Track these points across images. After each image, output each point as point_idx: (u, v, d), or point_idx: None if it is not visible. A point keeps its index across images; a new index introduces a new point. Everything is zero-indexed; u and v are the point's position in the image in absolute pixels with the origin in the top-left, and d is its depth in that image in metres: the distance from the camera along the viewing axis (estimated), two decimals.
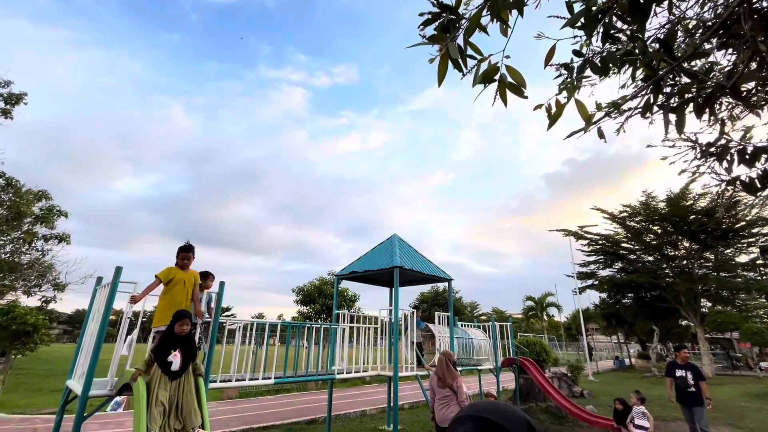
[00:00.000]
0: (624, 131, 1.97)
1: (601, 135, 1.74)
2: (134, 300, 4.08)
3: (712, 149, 2.14)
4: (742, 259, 23.63)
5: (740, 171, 2.07)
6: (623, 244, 26.34)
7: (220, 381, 4.80)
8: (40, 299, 14.38)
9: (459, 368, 7.28)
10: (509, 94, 1.50)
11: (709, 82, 1.68)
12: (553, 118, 1.61)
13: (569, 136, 1.67)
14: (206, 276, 4.83)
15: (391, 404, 7.32)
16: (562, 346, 40.61)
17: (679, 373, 7.04)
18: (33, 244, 13.66)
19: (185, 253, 4.43)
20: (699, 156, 2.20)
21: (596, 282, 27.63)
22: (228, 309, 44.37)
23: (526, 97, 1.50)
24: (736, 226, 22.10)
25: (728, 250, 23.74)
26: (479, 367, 9.05)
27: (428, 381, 6.03)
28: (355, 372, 6.50)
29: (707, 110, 1.60)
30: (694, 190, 22.83)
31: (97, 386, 3.77)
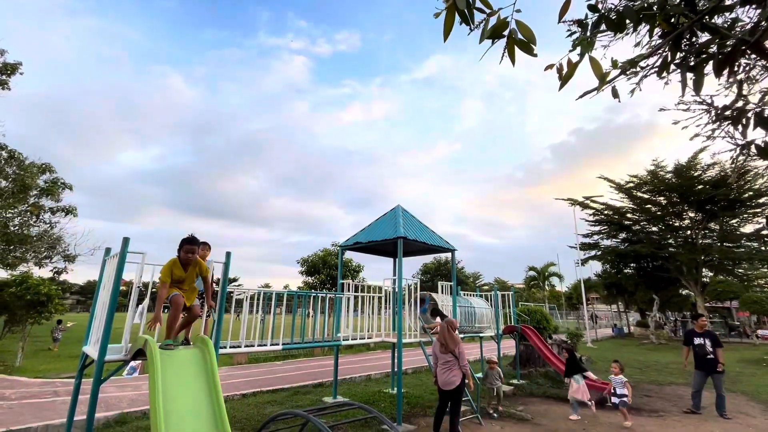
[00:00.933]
0: (640, 89, 1.90)
1: (615, 94, 1.67)
2: (156, 321, 3.79)
3: (728, 112, 2.07)
4: (747, 229, 23.60)
5: (755, 135, 2.01)
6: (628, 215, 26.28)
7: (230, 347, 4.97)
8: (51, 270, 14.71)
9: (461, 335, 7.47)
10: (518, 53, 1.44)
11: (730, 40, 1.59)
12: (564, 78, 1.54)
13: (582, 96, 1.60)
14: (202, 246, 4.73)
15: (395, 369, 7.58)
16: (562, 315, 41.41)
17: (697, 341, 7.14)
18: (40, 217, 13.80)
19: (190, 245, 4.00)
20: (713, 119, 2.13)
21: (599, 252, 27.81)
22: (235, 280, 45.27)
23: (535, 55, 1.43)
24: (743, 196, 21.93)
25: (733, 221, 23.67)
26: (481, 335, 9.28)
27: (431, 347, 6.21)
28: (360, 339, 6.69)
29: (727, 69, 1.53)
30: (703, 160, 22.53)
31: (112, 352, 3.92)
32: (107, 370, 3.91)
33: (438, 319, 7.86)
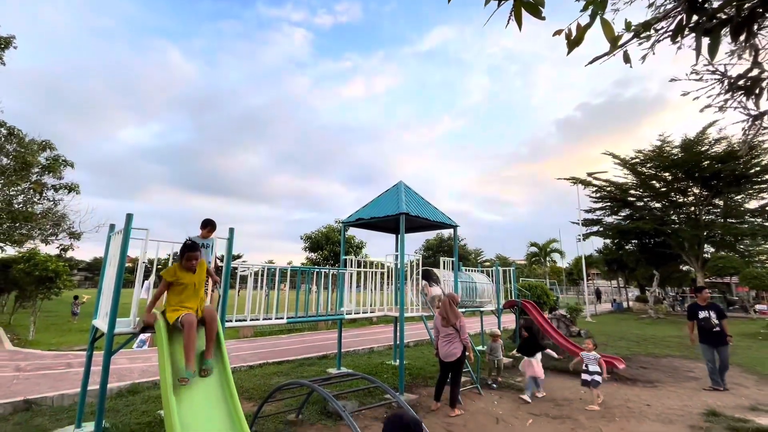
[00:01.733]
0: (653, 53, 1.82)
1: (627, 59, 1.61)
2: (150, 318, 3.77)
3: (741, 82, 2.00)
4: (752, 205, 23.46)
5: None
6: (632, 192, 26.12)
7: (236, 320, 5.07)
8: (58, 248, 14.92)
9: (461, 310, 7.59)
10: (525, 17, 1.37)
11: (747, 3, 1.52)
12: (573, 43, 1.48)
13: (592, 62, 1.55)
14: (205, 225, 4.68)
15: (397, 342, 7.76)
16: (562, 290, 41.91)
17: (702, 314, 7.01)
18: (43, 194, 13.84)
19: (191, 252, 3.78)
20: (726, 90, 2.06)
21: (601, 229, 27.83)
22: (239, 257, 45.78)
23: (543, 18, 1.37)
24: (750, 171, 21.70)
25: (738, 197, 23.50)
26: (481, 309, 9.43)
27: (432, 321, 6.33)
28: (363, 313, 6.81)
29: (744, 33, 1.46)
30: (711, 135, 22.15)
31: (120, 325, 4.01)
32: (117, 342, 4.02)
33: (435, 288, 7.94)
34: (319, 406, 5.52)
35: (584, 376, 5.99)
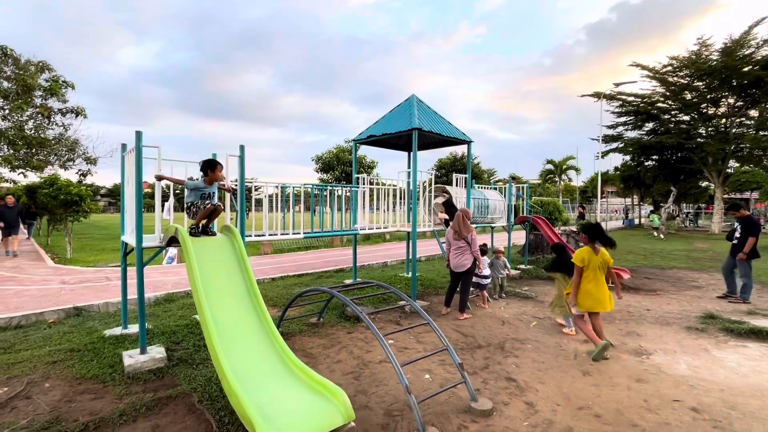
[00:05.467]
0: None
1: None
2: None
3: None
4: None
5: None
6: (659, 104, 24.46)
7: (255, 236, 5.30)
8: (77, 173, 15.27)
9: (473, 225, 7.72)
10: None
11: None
12: None
13: None
14: (214, 166, 4.26)
15: (410, 256, 8.10)
16: (575, 209, 42.00)
17: (735, 226, 7.19)
18: (52, 119, 13.74)
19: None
20: None
21: (621, 145, 26.75)
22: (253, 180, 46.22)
23: None
24: None
25: None
26: (492, 225, 9.60)
27: (444, 236, 6.50)
28: (376, 228, 7.01)
29: None
30: (758, 35, 19.82)
31: (147, 240, 4.25)
32: (147, 255, 4.29)
33: (439, 198, 7.92)
34: (337, 311, 6.00)
35: (474, 279, 6.11)
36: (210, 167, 4.09)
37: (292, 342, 4.73)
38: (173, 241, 4.12)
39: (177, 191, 5.01)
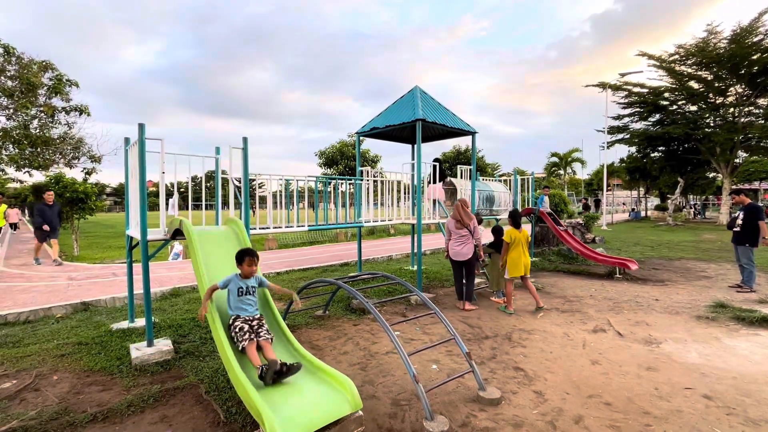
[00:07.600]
0: None
1: None
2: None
3: None
4: None
5: None
6: (665, 95, 24.11)
7: (260, 228, 5.28)
8: (82, 171, 15.33)
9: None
10: None
11: None
12: None
13: None
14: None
15: (415, 249, 8.07)
16: (580, 201, 41.71)
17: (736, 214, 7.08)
18: (56, 117, 13.79)
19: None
20: None
21: (627, 136, 26.44)
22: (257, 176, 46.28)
23: None
24: None
25: None
26: (497, 217, 9.52)
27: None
28: (381, 221, 6.97)
29: None
30: (767, 22, 19.43)
31: (152, 233, 4.23)
32: (152, 249, 4.29)
33: (454, 180, 7.81)
34: (343, 303, 5.99)
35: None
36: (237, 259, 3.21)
37: (298, 334, 4.72)
38: (178, 233, 4.11)
39: (182, 190, 4.99)
